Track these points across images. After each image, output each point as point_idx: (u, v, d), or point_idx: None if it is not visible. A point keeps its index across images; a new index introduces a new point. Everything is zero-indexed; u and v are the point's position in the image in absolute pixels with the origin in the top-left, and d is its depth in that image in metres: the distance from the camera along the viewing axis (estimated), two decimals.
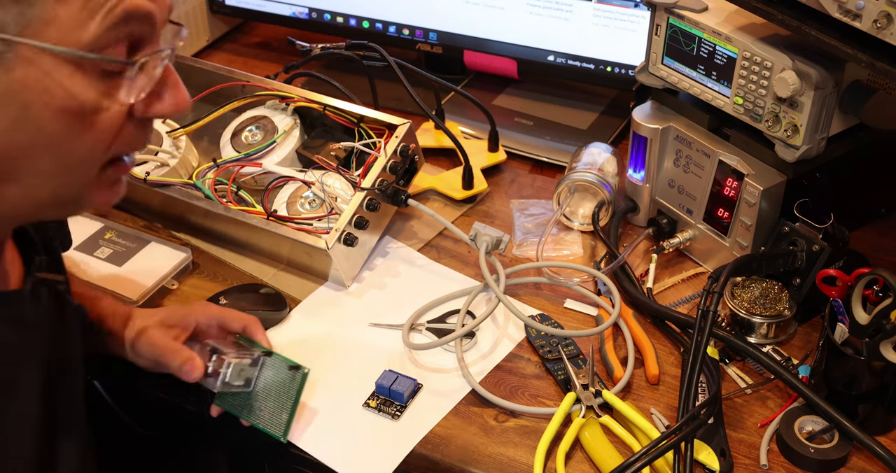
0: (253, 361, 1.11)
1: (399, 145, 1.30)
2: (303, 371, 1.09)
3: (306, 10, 1.69)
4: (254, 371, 1.10)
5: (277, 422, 1.08)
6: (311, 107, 1.38)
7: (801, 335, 1.21)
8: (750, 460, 1.07)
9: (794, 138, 1.15)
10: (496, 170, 1.49)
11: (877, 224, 1.35)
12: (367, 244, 1.31)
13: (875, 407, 1.08)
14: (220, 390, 1.10)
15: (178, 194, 1.32)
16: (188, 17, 1.73)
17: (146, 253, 1.31)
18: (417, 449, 1.09)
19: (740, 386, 1.15)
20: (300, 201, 1.30)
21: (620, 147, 1.46)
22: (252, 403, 1.09)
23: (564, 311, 1.26)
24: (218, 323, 1.14)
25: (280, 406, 1.08)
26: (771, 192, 1.19)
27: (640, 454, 1.01)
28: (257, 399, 1.09)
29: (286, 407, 1.08)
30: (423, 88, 1.44)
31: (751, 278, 1.21)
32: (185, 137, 1.38)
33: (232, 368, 1.10)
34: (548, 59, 1.55)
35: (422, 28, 1.62)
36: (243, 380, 1.10)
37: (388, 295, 1.28)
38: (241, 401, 1.10)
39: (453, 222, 1.37)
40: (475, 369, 1.18)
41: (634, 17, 1.46)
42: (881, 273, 1.02)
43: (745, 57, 1.16)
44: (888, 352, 1.04)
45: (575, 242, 1.36)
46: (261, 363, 1.11)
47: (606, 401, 1.10)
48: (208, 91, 1.39)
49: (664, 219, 1.33)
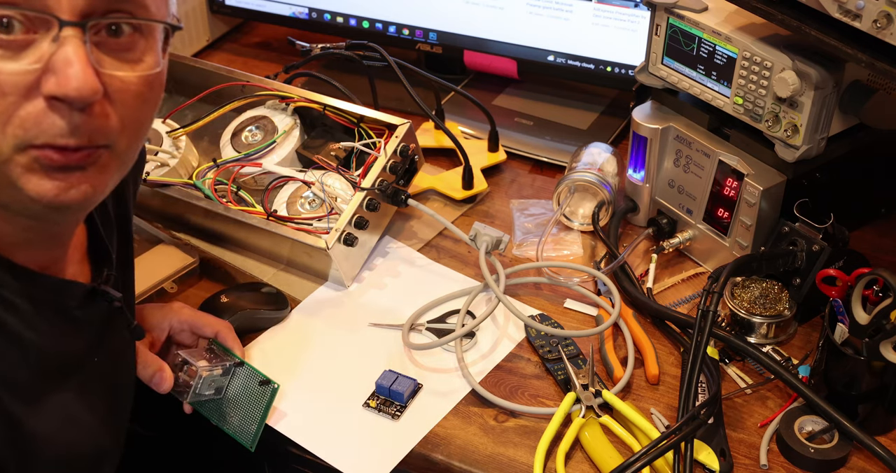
0: (224, 371, 1.11)
1: (399, 145, 1.30)
2: (273, 386, 1.09)
3: (306, 10, 1.69)
4: (224, 380, 1.11)
5: (247, 432, 1.09)
6: (311, 107, 1.38)
7: (801, 335, 1.21)
8: (750, 460, 1.07)
9: (794, 138, 1.15)
10: (496, 170, 1.49)
11: (877, 224, 1.35)
12: (367, 244, 1.31)
13: (875, 407, 1.08)
14: (190, 400, 1.10)
15: (178, 194, 1.32)
16: (188, 17, 1.73)
17: (154, 253, 1.31)
18: (417, 449, 1.09)
19: (740, 385, 1.15)
20: (300, 201, 1.30)
21: (620, 147, 1.46)
22: (223, 409, 1.10)
23: (564, 311, 1.26)
24: (190, 328, 1.15)
25: (249, 417, 1.09)
26: (771, 192, 1.19)
27: (640, 454, 1.01)
28: (228, 405, 1.10)
29: (255, 419, 1.09)
30: (423, 88, 1.44)
31: (751, 278, 1.21)
32: (185, 137, 1.38)
33: (203, 380, 1.10)
34: (548, 59, 1.55)
35: (422, 28, 1.62)
36: (213, 390, 1.11)
37: (388, 295, 1.28)
38: (212, 406, 1.11)
39: (453, 222, 1.37)
40: (475, 369, 1.18)
41: (634, 17, 1.46)
42: (881, 273, 1.02)
43: (745, 57, 1.16)
44: (888, 352, 1.04)
45: (575, 242, 1.36)
46: (232, 372, 1.11)
47: (606, 401, 1.10)
48: (208, 91, 1.39)
49: (664, 218, 1.33)
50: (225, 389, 1.11)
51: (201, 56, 1.76)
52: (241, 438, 1.09)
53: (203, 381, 1.10)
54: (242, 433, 1.09)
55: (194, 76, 1.45)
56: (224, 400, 1.11)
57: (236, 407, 1.10)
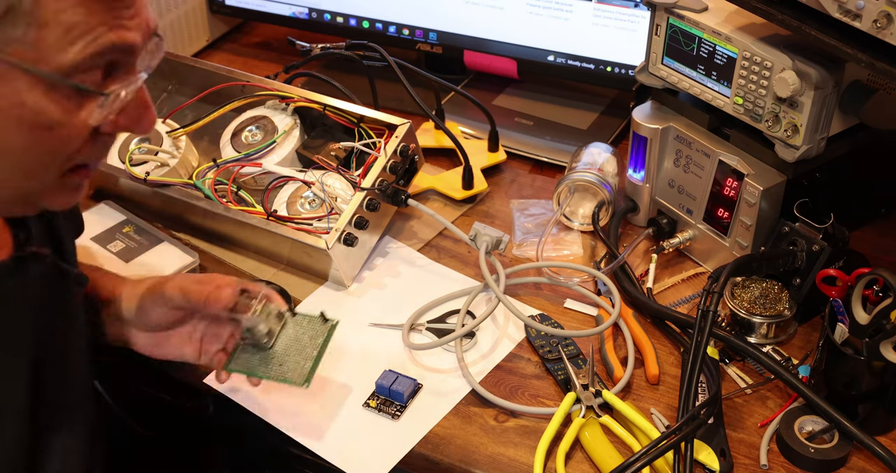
0: (279, 314, 1.09)
1: (399, 145, 1.30)
2: (332, 322, 1.08)
3: (306, 10, 1.69)
4: (277, 325, 1.08)
5: (299, 372, 1.06)
6: (311, 107, 1.38)
7: (801, 335, 1.21)
8: (750, 460, 1.07)
9: (794, 138, 1.15)
10: (496, 170, 1.49)
11: (877, 224, 1.35)
12: (367, 244, 1.31)
13: (875, 407, 1.08)
14: (247, 326, 1.06)
15: (178, 194, 1.32)
16: (188, 17, 1.73)
17: (155, 252, 1.32)
18: (417, 449, 1.09)
19: (740, 385, 1.15)
20: (300, 201, 1.30)
21: (620, 147, 1.46)
22: (269, 360, 1.07)
23: (564, 311, 1.26)
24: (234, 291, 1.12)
25: (303, 358, 1.07)
26: (771, 192, 1.19)
27: (640, 454, 1.01)
28: (276, 356, 1.08)
29: (310, 357, 1.07)
30: (423, 88, 1.44)
31: (751, 278, 1.21)
32: (185, 137, 1.38)
33: (262, 308, 1.07)
34: (548, 59, 1.55)
35: (422, 28, 1.62)
36: (268, 329, 1.07)
37: (388, 295, 1.28)
38: (256, 360, 1.08)
39: (453, 222, 1.37)
40: (475, 369, 1.18)
41: (634, 17, 1.46)
42: (881, 273, 1.02)
43: (745, 57, 1.16)
44: (888, 352, 1.04)
45: (575, 242, 1.36)
46: (284, 320, 1.09)
47: (606, 401, 1.10)
48: (208, 91, 1.39)
49: (664, 219, 1.33)
50: (275, 338, 1.08)
51: (201, 56, 1.76)
52: (292, 379, 1.06)
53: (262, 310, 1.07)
54: (294, 374, 1.06)
55: (194, 76, 1.45)
56: (271, 353, 1.08)
57: (286, 355, 1.08)
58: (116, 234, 1.34)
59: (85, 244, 1.32)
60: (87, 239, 1.32)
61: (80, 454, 0.97)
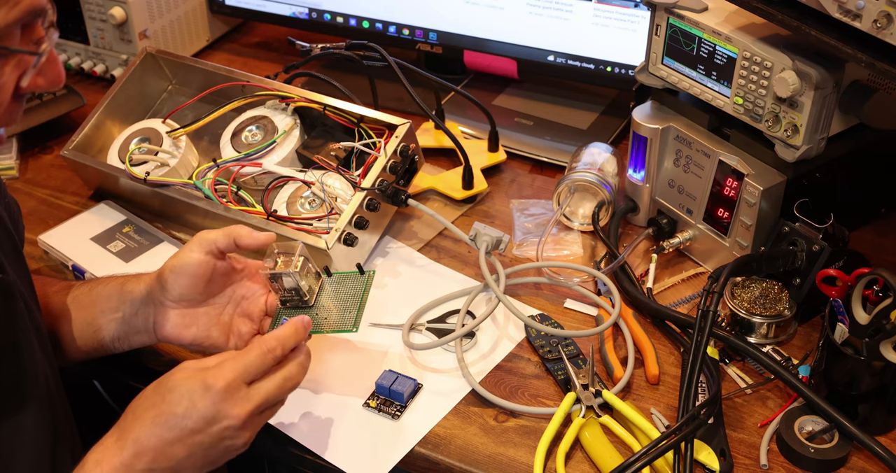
0: (316, 273, 1.12)
1: (399, 145, 1.30)
2: (369, 272, 1.12)
3: (306, 10, 1.69)
4: (317, 284, 1.12)
5: (345, 320, 1.10)
6: (311, 107, 1.38)
7: (801, 335, 1.21)
8: (750, 460, 1.07)
9: (794, 138, 1.15)
10: (496, 170, 1.49)
11: (877, 224, 1.35)
12: (367, 244, 1.31)
13: (875, 407, 1.08)
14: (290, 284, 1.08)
15: (178, 194, 1.32)
16: (188, 17, 1.73)
17: (155, 252, 1.32)
18: (417, 449, 1.09)
19: (740, 386, 1.15)
20: (300, 201, 1.30)
21: (620, 147, 1.46)
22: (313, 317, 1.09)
23: (564, 311, 1.26)
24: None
25: (346, 308, 1.10)
26: (771, 192, 1.19)
27: (640, 454, 1.01)
28: (319, 312, 1.11)
29: (354, 306, 1.10)
30: (423, 88, 1.44)
31: (751, 278, 1.21)
32: (185, 137, 1.38)
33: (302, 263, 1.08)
34: (548, 59, 1.55)
35: (422, 28, 1.62)
36: (308, 286, 1.10)
37: (387, 295, 1.28)
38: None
39: (453, 222, 1.37)
40: (475, 369, 1.18)
41: (634, 17, 1.46)
42: (881, 273, 1.02)
43: (745, 57, 1.16)
44: (888, 352, 1.04)
45: (575, 242, 1.36)
46: (321, 279, 1.12)
47: (606, 401, 1.10)
48: (208, 91, 1.39)
49: (664, 219, 1.33)
50: (316, 296, 1.11)
51: (201, 56, 1.76)
52: (340, 327, 1.09)
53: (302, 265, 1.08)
54: (340, 323, 1.09)
55: (194, 76, 1.45)
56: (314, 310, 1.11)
57: (329, 311, 1.11)
58: (116, 234, 1.34)
59: (85, 244, 1.32)
60: (87, 240, 1.33)
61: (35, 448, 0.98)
